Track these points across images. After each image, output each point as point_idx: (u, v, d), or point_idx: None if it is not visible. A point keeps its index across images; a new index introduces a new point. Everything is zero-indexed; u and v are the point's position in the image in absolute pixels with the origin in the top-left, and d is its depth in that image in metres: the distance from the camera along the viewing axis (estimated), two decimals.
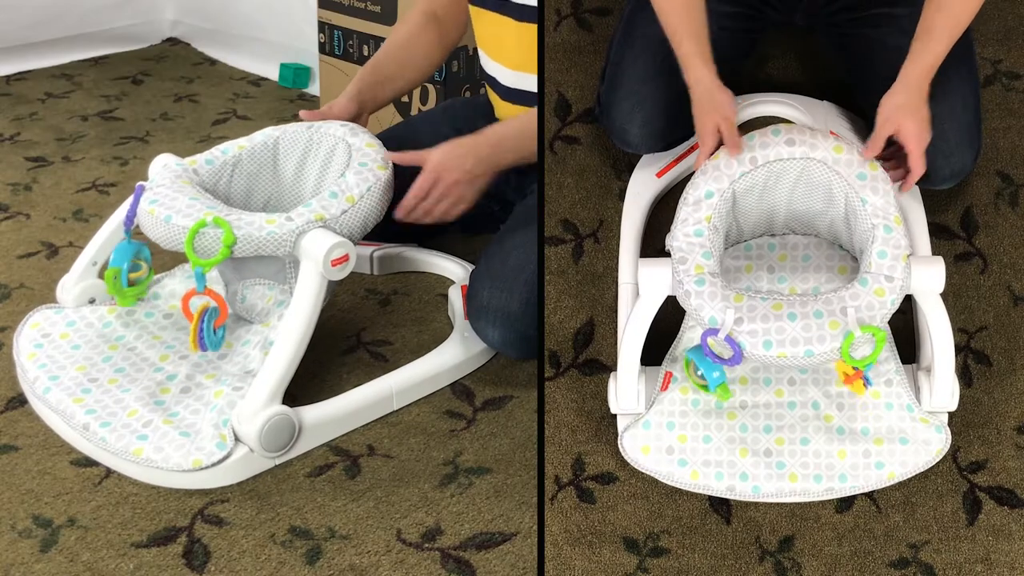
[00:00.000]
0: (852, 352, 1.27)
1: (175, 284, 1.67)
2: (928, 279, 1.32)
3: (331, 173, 1.64)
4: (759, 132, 1.42)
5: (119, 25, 3.30)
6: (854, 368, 1.31)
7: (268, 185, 1.66)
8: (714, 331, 1.29)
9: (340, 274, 1.49)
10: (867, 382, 1.34)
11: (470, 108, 1.99)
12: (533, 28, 1.69)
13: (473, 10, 1.83)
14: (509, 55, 1.79)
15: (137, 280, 1.61)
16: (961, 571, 1.29)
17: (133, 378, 1.50)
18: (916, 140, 1.34)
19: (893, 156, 1.40)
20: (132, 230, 1.56)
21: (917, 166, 1.36)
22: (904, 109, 1.34)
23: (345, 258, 1.48)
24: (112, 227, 1.62)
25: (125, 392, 1.47)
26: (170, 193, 1.50)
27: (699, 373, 1.36)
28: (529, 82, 1.77)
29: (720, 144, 1.40)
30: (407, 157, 1.66)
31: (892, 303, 1.30)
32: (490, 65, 1.85)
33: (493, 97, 1.89)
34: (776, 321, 1.29)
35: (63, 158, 2.45)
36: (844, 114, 1.62)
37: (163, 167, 1.56)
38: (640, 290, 1.37)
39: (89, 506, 1.37)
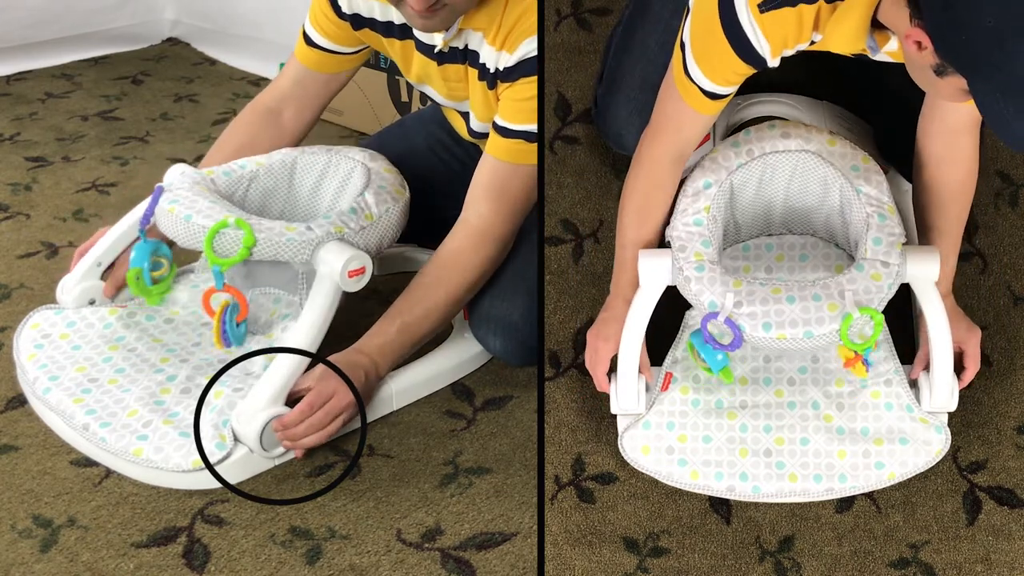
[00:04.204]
0: (851, 335, 1.28)
1: (178, 292, 1.67)
2: (923, 266, 1.34)
3: (348, 194, 1.66)
4: (755, 128, 1.43)
5: (119, 25, 3.31)
6: (854, 352, 1.32)
7: (283, 201, 1.67)
8: (714, 315, 1.30)
9: (355, 286, 1.50)
10: (867, 363, 1.35)
11: None
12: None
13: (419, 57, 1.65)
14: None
15: (160, 278, 1.62)
16: (961, 571, 1.29)
17: (133, 378, 1.50)
18: (976, 344, 1.39)
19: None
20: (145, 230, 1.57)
21: (975, 365, 1.40)
22: (963, 328, 1.40)
23: (361, 270, 1.50)
24: (121, 230, 1.62)
25: (125, 392, 1.47)
26: (190, 195, 1.51)
27: (702, 357, 1.37)
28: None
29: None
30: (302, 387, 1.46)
31: (889, 287, 1.31)
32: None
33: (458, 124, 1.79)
34: (775, 304, 1.30)
35: (63, 158, 2.45)
36: (844, 114, 1.62)
37: (180, 174, 1.58)
38: (640, 280, 1.38)
39: (89, 506, 1.37)
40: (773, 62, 1.24)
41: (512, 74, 1.50)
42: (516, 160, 1.53)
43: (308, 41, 1.69)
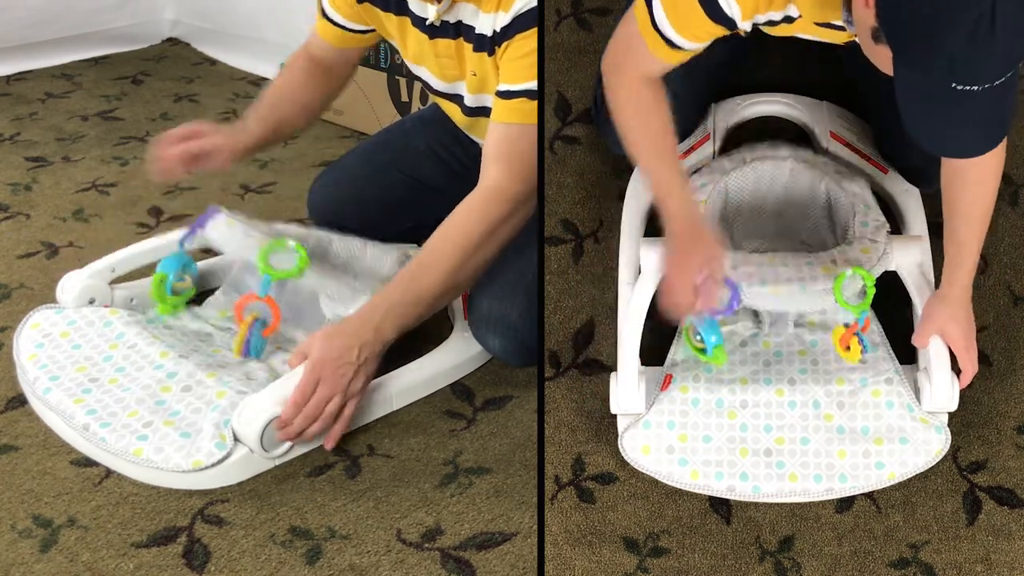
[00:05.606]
0: (844, 294, 1.35)
1: (184, 320, 1.66)
2: (908, 251, 1.42)
3: (384, 268, 1.71)
4: (746, 144, 1.55)
5: (119, 25, 3.31)
6: (845, 325, 1.38)
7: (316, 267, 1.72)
8: None
9: None
10: (862, 343, 1.39)
11: None
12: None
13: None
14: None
15: (181, 291, 1.67)
16: (961, 571, 1.30)
17: (134, 377, 1.50)
18: (960, 343, 1.35)
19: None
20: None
21: (967, 365, 1.36)
22: (947, 315, 1.35)
23: None
24: (151, 245, 1.68)
25: (126, 391, 1.47)
26: (247, 220, 1.65)
27: (697, 338, 1.38)
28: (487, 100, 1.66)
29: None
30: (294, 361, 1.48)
31: (878, 259, 1.39)
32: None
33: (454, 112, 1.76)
34: (771, 266, 1.40)
35: (63, 158, 2.45)
36: (844, 114, 1.62)
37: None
38: (641, 266, 1.42)
39: (89, 506, 1.37)
40: (744, 25, 1.22)
41: (509, 30, 1.48)
42: (522, 120, 1.50)
43: (324, 14, 1.71)
